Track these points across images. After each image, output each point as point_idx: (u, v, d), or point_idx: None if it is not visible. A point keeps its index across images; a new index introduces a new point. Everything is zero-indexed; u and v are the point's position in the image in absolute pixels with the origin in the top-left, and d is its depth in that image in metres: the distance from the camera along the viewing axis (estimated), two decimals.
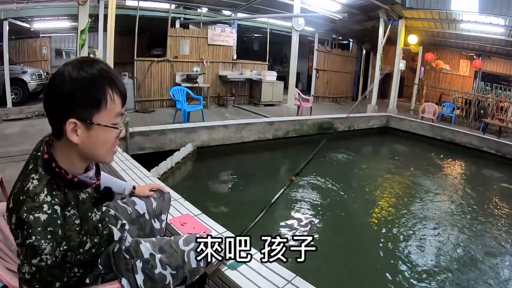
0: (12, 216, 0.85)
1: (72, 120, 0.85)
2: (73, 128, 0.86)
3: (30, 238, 0.81)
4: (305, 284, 1.65)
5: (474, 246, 3.47)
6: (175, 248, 1.24)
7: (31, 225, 0.81)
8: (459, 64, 11.74)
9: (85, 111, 0.86)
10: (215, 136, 5.76)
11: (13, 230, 0.85)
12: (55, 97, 0.85)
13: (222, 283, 1.69)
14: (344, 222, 3.92)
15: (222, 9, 9.44)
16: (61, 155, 0.91)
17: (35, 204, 0.83)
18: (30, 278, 0.84)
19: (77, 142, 0.87)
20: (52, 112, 0.87)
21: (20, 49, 8.95)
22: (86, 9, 4.11)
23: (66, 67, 0.86)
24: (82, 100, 0.85)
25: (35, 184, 0.86)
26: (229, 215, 3.66)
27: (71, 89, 0.83)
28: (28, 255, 0.82)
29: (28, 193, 0.85)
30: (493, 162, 6.89)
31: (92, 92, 0.86)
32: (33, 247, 0.81)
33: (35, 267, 0.83)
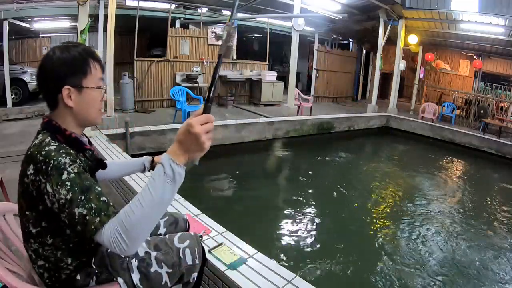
0: (26, 173, 0.95)
1: (67, 87, 1.01)
2: (68, 94, 1.02)
3: (49, 163, 0.91)
4: (305, 284, 1.65)
5: (473, 246, 3.47)
6: (171, 246, 1.24)
7: (46, 155, 0.92)
8: (459, 64, 11.74)
9: (75, 79, 1.03)
10: (215, 136, 5.72)
11: (34, 181, 0.93)
12: (49, 73, 1.02)
13: (222, 283, 1.69)
14: (344, 222, 3.92)
15: (222, 9, 9.44)
16: (57, 119, 1.05)
17: (42, 145, 0.96)
18: (70, 202, 0.89)
19: (72, 105, 1.03)
20: (46, 86, 1.04)
21: (20, 49, 8.96)
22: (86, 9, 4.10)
23: (55, 49, 1.04)
24: (72, 70, 1.02)
25: (40, 138, 1.00)
26: (229, 215, 3.66)
27: (62, 63, 1.01)
28: (55, 178, 0.90)
29: (35, 146, 0.98)
30: (493, 162, 6.89)
31: (79, 63, 1.04)
32: (55, 167, 0.90)
33: (69, 183, 0.89)
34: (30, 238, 1.03)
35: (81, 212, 0.88)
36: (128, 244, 0.84)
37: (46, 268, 1.06)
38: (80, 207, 0.88)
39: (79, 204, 0.88)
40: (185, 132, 0.85)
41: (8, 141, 4.56)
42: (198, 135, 0.84)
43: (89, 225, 0.87)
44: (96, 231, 0.87)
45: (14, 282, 1.00)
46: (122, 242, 0.84)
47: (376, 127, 8.78)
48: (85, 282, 1.10)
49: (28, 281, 1.13)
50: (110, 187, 3.34)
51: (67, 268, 1.07)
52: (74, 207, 0.88)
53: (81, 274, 1.10)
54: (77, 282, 1.09)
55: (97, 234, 0.87)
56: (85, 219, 0.88)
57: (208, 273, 1.77)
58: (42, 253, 1.03)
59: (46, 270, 1.06)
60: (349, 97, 12.83)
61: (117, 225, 0.85)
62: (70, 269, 1.07)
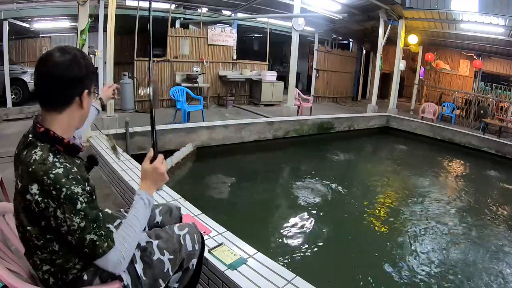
0: (29, 191, 0.94)
1: (86, 91, 1.08)
2: (84, 97, 1.08)
3: (62, 191, 0.93)
4: (305, 284, 1.65)
5: (473, 245, 3.47)
6: (171, 234, 1.30)
7: (55, 181, 0.94)
8: (459, 64, 11.75)
9: (90, 83, 1.10)
10: (215, 136, 5.76)
11: (39, 202, 0.94)
12: (65, 79, 1.02)
13: (222, 283, 1.69)
14: (344, 221, 3.92)
15: (222, 9, 9.44)
16: (58, 125, 1.05)
17: (47, 166, 0.95)
18: (83, 229, 0.96)
19: (85, 107, 1.10)
20: (60, 91, 1.04)
21: (20, 49, 8.95)
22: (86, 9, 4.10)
23: (59, 53, 1.03)
24: (90, 75, 1.09)
25: (39, 154, 0.98)
26: (229, 215, 3.66)
27: (80, 69, 1.04)
28: (68, 207, 0.94)
29: (36, 162, 0.96)
30: (493, 162, 6.89)
31: (92, 69, 1.11)
32: (69, 196, 0.94)
33: (82, 212, 0.96)
34: (37, 250, 1.03)
35: (92, 238, 0.99)
36: (126, 262, 1.07)
37: (52, 273, 1.06)
38: (92, 233, 0.98)
39: (91, 231, 0.98)
40: (152, 173, 1.19)
41: (8, 141, 4.56)
42: (162, 173, 1.20)
43: (97, 249, 1.00)
44: (104, 254, 1.01)
45: (14, 282, 1.00)
46: (124, 262, 1.06)
47: (376, 127, 8.78)
48: (90, 280, 1.11)
49: (28, 281, 1.13)
50: (111, 187, 3.34)
51: (74, 268, 1.07)
52: (86, 233, 0.98)
53: (88, 273, 1.10)
54: (83, 282, 1.10)
55: (104, 257, 1.01)
56: (95, 244, 0.99)
57: (208, 273, 1.77)
58: (50, 258, 1.04)
59: (52, 275, 1.06)
60: (349, 97, 12.82)
61: (120, 250, 1.04)
62: (78, 268, 1.08)
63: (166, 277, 1.24)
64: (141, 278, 1.17)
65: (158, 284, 1.22)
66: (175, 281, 1.37)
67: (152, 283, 1.20)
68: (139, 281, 1.17)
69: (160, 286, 1.23)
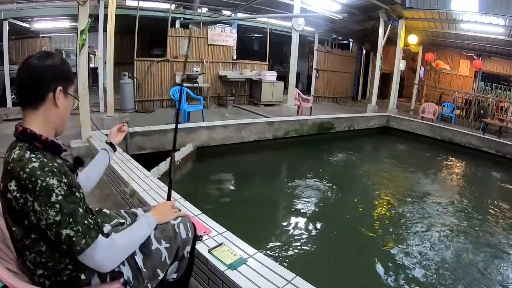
0: (8, 189, 0.95)
1: (60, 88, 1.10)
2: (58, 94, 1.10)
3: (37, 183, 0.93)
4: (305, 284, 1.65)
5: (473, 245, 3.47)
6: (166, 224, 1.35)
7: (31, 174, 0.94)
8: (459, 64, 11.75)
9: (65, 83, 1.13)
10: (215, 136, 5.76)
11: (18, 198, 0.95)
12: (43, 71, 1.07)
13: (222, 283, 1.69)
14: (343, 221, 3.92)
15: (222, 9, 9.44)
16: (35, 123, 1.08)
17: (23, 162, 0.97)
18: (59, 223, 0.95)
19: (59, 106, 1.11)
20: (35, 86, 1.07)
21: (20, 49, 8.95)
22: (86, 9, 4.09)
23: (38, 54, 1.11)
24: (64, 74, 1.13)
25: (17, 152, 1.01)
26: (229, 215, 3.66)
27: (56, 66, 1.10)
28: (44, 199, 0.93)
29: (14, 160, 0.98)
30: (493, 162, 6.89)
31: (69, 70, 1.16)
32: (44, 188, 0.93)
33: (58, 205, 0.94)
34: (25, 250, 1.04)
35: (68, 233, 0.96)
36: (113, 264, 1.09)
37: (46, 276, 1.07)
38: (68, 228, 0.96)
39: (67, 226, 0.96)
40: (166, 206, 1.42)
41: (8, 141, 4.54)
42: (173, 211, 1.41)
43: (75, 245, 0.97)
44: (82, 252, 0.98)
45: (14, 282, 1.00)
46: (111, 264, 1.08)
47: (376, 127, 8.78)
48: (88, 279, 1.12)
49: (28, 281, 1.13)
50: (111, 187, 3.34)
51: (66, 269, 1.08)
52: (62, 228, 0.95)
53: (85, 272, 1.11)
54: (80, 281, 1.10)
55: (82, 254, 0.99)
56: (72, 240, 0.96)
57: (208, 273, 1.77)
58: (40, 260, 1.04)
59: (46, 278, 1.07)
60: (349, 97, 12.82)
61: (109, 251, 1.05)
62: (70, 269, 1.08)
63: (164, 267, 1.28)
64: (141, 270, 1.20)
65: (157, 275, 1.25)
66: (173, 272, 1.41)
67: (151, 274, 1.23)
68: (139, 273, 1.19)
69: (158, 276, 1.26)
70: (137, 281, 1.19)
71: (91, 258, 1.00)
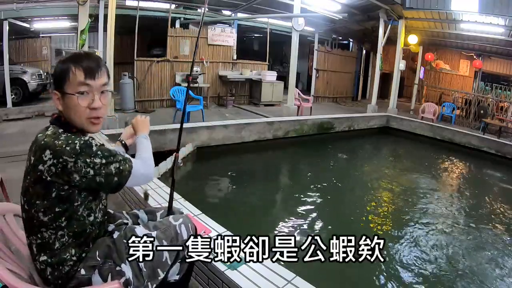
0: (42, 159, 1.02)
1: (55, 92, 1.14)
2: (57, 98, 1.14)
3: (75, 143, 1.04)
4: (305, 284, 1.65)
5: (473, 246, 3.47)
6: (167, 224, 1.36)
7: (67, 140, 1.05)
8: (459, 64, 11.74)
9: (59, 83, 1.13)
10: (215, 136, 5.76)
11: (52, 166, 1.02)
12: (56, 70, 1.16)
13: (222, 283, 1.69)
14: (343, 221, 3.92)
15: (222, 9, 9.44)
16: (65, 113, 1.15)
17: (56, 135, 1.07)
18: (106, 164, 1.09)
19: (60, 109, 1.15)
20: None
21: (20, 49, 8.95)
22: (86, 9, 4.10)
23: None
24: (56, 76, 1.15)
25: (51, 130, 1.09)
26: (229, 215, 3.66)
27: (55, 69, 1.17)
28: (87, 152, 1.05)
29: (48, 135, 1.06)
30: (493, 162, 6.89)
31: (60, 69, 1.15)
32: (84, 144, 1.06)
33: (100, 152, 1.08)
34: (41, 227, 1.07)
35: (116, 166, 1.11)
36: (153, 168, 1.28)
37: (48, 263, 1.09)
38: (113, 163, 1.11)
39: (112, 162, 1.11)
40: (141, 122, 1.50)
41: (8, 141, 4.56)
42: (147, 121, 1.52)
43: (124, 172, 1.13)
44: (130, 173, 1.15)
45: (14, 282, 1.00)
46: (152, 168, 1.27)
47: (376, 127, 8.77)
48: (88, 275, 1.13)
49: (28, 281, 1.13)
50: None
51: (70, 259, 1.11)
52: (110, 166, 1.10)
53: (85, 267, 1.13)
54: (80, 276, 1.12)
55: (132, 175, 1.15)
56: (120, 169, 1.12)
57: (208, 273, 1.78)
58: (50, 244, 1.08)
59: (48, 265, 1.09)
60: (349, 97, 12.82)
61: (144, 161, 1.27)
62: (74, 260, 1.11)
63: (164, 267, 1.29)
64: (142, 270, 1.21)
65: (157, 275, 1.26)
66: (176, 273, 1.41)
67: (152, 274, 1.24)
68: (140, 273, 1.21)
69: (159, 276, 1.27)
70: (137, 281, 1.20)
71: (138, 174, 1.18)
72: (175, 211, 1.57)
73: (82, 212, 1.12)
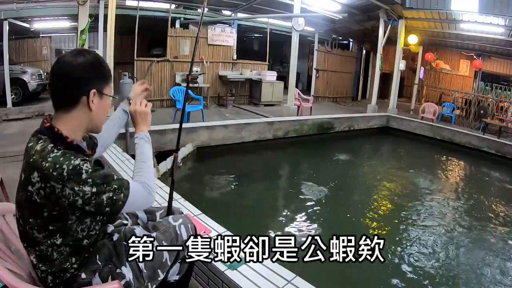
0: (31, 181, 0.96)
1: (93, 91, 1.07)
2: (92, 98, 1.07)
3: (63, 168, 0.95)
4: (305, 284, 1.65)
5: (473, 246, 3.47)
6: (167, 225, 1.35)
7: (54, 162, 0.95)
8: (459, 64, 11.74)
9: (101, 84, 1.10)
10: (215, 136, 5.76)
11: (41, 189, 0.96)
12: (77, 73, 1.04)
13: (222, 283, 1.69)
14: (343, 221, 3.92)
15: (222, 9, 9.43)
16: (66, 125, 1.06)
17: (45, 152, 0.97)
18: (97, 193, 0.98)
19: (93, 109, 1.08)
20: (67, 89, 1.05)
21: (20, 49, 8.95)
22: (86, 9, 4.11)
23: (71, 53, 1.07)
24: (100, 75, 1.10)
25: (41, 145, 1.00)
26: (229, 215, 3.66)
27: (91, 67, 1.07)
28: (75, 180, 0.96)
29: (37, 152, 0.98)
30: (493, 162, 6.89)
31: (105, 70, 1.12)
32: (72, 170, 0.95)
33: (90, 180, 0.97)
34: (37, 242, 1.04)
35: (108, 196, 1.01)
36: (153, 192, 1.15)
37: (49, 272, 1.08)
38: (106, 192, 1.01)
39: (105, 191, 1.00)
40: (141, 114, 1.33)
41: (8, 141, 4.56)
42: (147, 112, 1.34)
43: (117, 202, 1.03)
44: (124, 203, 1.04)
45: (14, 282, 1.00)
46: (152, 193, 1.14)
47: (376, 127, 8.77)
48: (89, 278, 1.13)
49: (28, 281, 1.13)
50: None
51: (71, 267, 1.10)
52: (101, 195, 1.00)
53: (86, 272, 1.13)
54: (80, 280, 1.12)
55: (126, 205, 1.05)
56: (113, 200, 1.02)
57: (208, 273, 1.77)
58: (48, 256, 1.05)
59: (49, 274, 1.08)
60: (349, 97, 12.82)
61: (143, 186, 1.12)
62: (75, 267, 1.11)
63: (164, 267, 1.29)
64: (142, 271, 1.21)
65: (157, 275, 1.26)
66: (175, 273, 1.41)
67: (152, 275, 1.24)
68: (140, 274, 1.21)
69: (159, 277, 1.27)
70: (138, 282, 1.20)
71: (135, 203, 1.08)
72: (174, 211, 1.56)
73: (77, 227, 1.07)
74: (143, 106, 1.34)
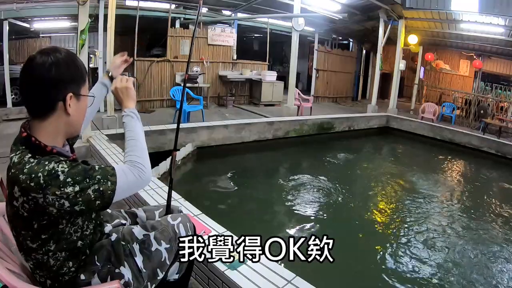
0: (14, 196, 0.92)
1: (70, 95, 0.99)
2: (69, 102, 0.99)
3: (38, 177, 0.88)
4: (305, 284, 1.65)
5: (473, 246, 3.47)
6: (166, 224, 1.34)
7: (30, 172, 0.89)
8: (459, 64, 11.74)
9: (77, 86, 1.02)
10: (215, 136, 5.76)
11: (24, 203, 0.91)
12: (52, 78, 0.95)
13: (222, 283, 1.69)
14: (343, 221, 3.92)
15: (222, 9, 9.43)
16: (44, 133, 1.00)
17: (21, 164, 0.92)
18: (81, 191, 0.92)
19: (71, 113, 1.01)
20: (41, 95, 0.96)
21: (20, 49, 8.94)
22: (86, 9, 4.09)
23: (40, 55, 0.97)
24: (76, 76, 1.02)
25: (18, 156, 0.95)
26: (229, 215, 3.66)
27: (66, 68, 0.98)
28: (54, 185, 0.89)
29: (14, 164, 0.93)
30: (493, 162, 6.89)
31: (78, 69, 1.03)
32: (48, 176, 0.89)
33: (70, 179, 0.91)
34: (31, 252, 1.03)
35: (94, 189, 0.95)
36: (148, 170, 1.07)
37: (48, 277, 1.08)
38: (91, 186, 0.94)
39: (89, 186, 0.94)
40: (123, 90, 1.26)
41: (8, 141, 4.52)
42: (130, 87, 1.28)
43: (105, 193, 0.96)
44: (114, 192, 0.98)
45: (14, 282, 1.00)
46: (147, 172, 1.07)
47: (376, 127, 8.78)
48: (88, 279, 1.13)
49: (28, 281, 1.13)
50: None
51: (69, 271, 1.10)
52: (86, 190, 0.93)
53: (85, 273, 1.12)
54: (80, 282, 1.12)
55: (116, 193, 0.98)
56: (101, 191, 0.95)
57: (208, 273, 1.78)
58: (45, 262, 1.04)
59: (48, 278, 1.08)
60: (349, 97, 12.82)
61: (134, 165, 1.05)
62: (72, 271, 1.10)
63: (164, 267, 1.28)
64: (141, 271, 1.21)
65: (157, 275, 1.26)
66: (175, 273, 1.40)
67: (151, 274, 1.24)
68: (140, 274, 1.20)
69: (158, 276, 1.26)
70: (137, 282, 1.20)
71: (126, 188, 1.02)
72: (173, 210, 1.55)
73: (69, 230, 1.04)
74: (124, 81, 1.27)
